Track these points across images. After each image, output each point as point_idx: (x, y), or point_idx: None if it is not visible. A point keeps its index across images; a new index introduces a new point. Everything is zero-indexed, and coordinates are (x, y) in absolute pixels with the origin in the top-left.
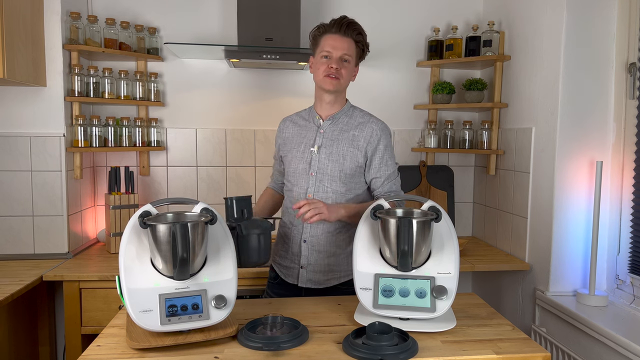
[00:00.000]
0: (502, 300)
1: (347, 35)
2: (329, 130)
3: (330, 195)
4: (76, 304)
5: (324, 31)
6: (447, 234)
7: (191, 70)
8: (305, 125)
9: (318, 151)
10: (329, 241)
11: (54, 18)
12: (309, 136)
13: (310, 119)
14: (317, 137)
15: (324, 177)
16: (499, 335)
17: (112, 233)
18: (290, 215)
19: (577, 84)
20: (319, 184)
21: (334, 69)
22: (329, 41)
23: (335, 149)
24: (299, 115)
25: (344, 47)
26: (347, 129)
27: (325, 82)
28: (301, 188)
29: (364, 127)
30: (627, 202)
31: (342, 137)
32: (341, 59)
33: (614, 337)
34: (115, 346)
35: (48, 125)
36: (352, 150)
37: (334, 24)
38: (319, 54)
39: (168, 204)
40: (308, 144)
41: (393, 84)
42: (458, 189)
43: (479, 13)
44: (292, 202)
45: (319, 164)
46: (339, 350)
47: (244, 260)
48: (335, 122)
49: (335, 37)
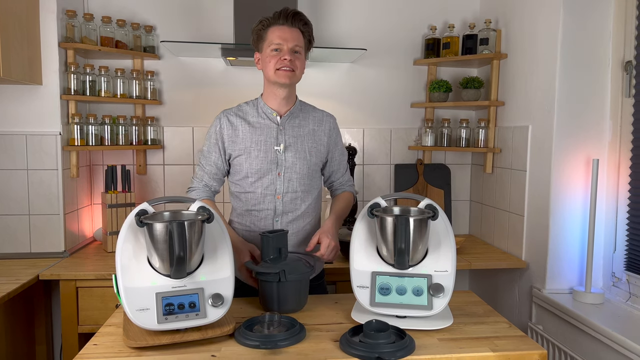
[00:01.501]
0: (498, 298)
1: (294, 25)
2: (289, 127)
3: (299, 195)
4: (73, 303)
5: (269, 24)
6: (444, 232)
7: (188, 69)
8: (260, 122)
9: (284, 150)
10: (299, 240)
11: (49, 16)
12: (269, 134)
13: (264, 116)
14: (280, 135)
15: (292, 177)
16: (495, 332)
17: (109, 232)
18: (253, 217)
19: (574, 82)
20: (287, 184)
21: (287, 61)
22: (277, 33)
23: (300, 146)
24: (243, 111)
25: (294, 37)
26: (304, 124)
27: (279, 75)
28: (267, 189)
29: (321, 122)
30: (623, 200)
31: (302, 133)
32: (292, 50)
33: (610, 334)
34: (112, 345)
35: (44, 124)
36: (315, 146)
37: (280, 15)
38: (268, 47)
39: (165, 202)
40: (270, 143)
41: (390, 83)
42: (455, 187)
43: (476, 11)
44: (254, 205)
45: (287, 164)
46: (336, 348)
47: (281, 307)
48: (293, 118)
49: (283, 28)
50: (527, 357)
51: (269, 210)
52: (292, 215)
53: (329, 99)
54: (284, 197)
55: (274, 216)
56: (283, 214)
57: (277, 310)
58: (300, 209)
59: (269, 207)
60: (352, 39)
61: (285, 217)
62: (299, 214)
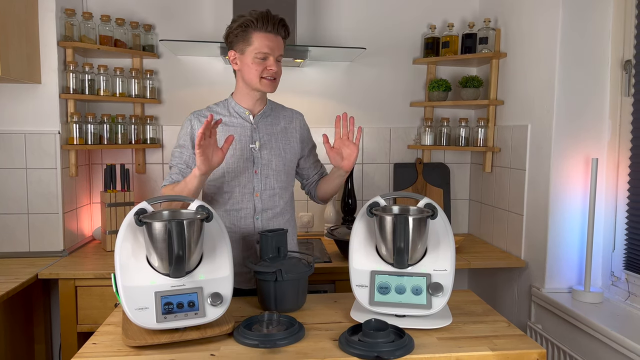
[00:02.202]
0: (498, 297)
1: (279, 34)
2: (262, 126)
3: (277, 192)
4: (72, 302)
5: (255, 27)
6: (443, 231)
7: (187, 68)
8: (232, 122)
9: (259, 148)
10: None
11: (48, 15)
12: (243, 133)
13: (236, 115)
14: (254, 134)
15: (269, 174)
16: (494, 331)
17: (108, 231)
18: (232, 217)
19: (573, 81)
20: (265, 181)
21: (274, 71)
22: (265, 41)
23: (275, 144)
24: (215, 112)
25: (280, 47)
26: (276, 122)
27: (264, 84)
28: (245, 188)
29: (291, 119)
30: (622, 199)
31: (275, 131)
32: (277, 59)
33: (609, 333)
34: (111, 344)
35: (43, 123)
36: (289, 143)
37: (268, 21)
38: (252, 52)
39: (164, 201)
40: (244, 141)
41: (389, 82)
42: (454, 186)
43: (475, 10)
44: (233, 205)
45: (263, 161)
46: (335, 347)
47: (280, 306)
48: (265, 117)
49: (270, 36)
50: (526, 356)
51: (248, 209)
52: (272, 213)
53: (328, 98)
54: (262, 194)
55: (254, 214)
56: (262, 211)
57: (276, 310)
58: (279, 205)
59: (247, 206)
60: (351, 38)
61: (265, 214)
62: (278, 210)
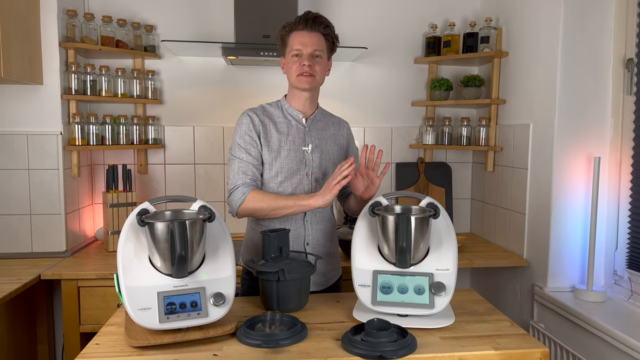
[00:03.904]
0: (500, 296)
1: (315, 30)
2: (314, 129)
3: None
4: (74, 303)
5: (291, 29)
6: (446, 231)
7: (188, 68)
8: (286, 123)
9: (311, 151)
10: (327, 240)
11: (50, 16)
12: (296, 134)
13: (290, 117)
14: (307, 137)
15: (319, 177)
16: (497, 331)
17: (110, 231)
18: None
19: (575, 80)
20: (315, 184)
21: (307, 66)
22: (297, 38)
23: (325, 148)
24: (268, 112)
25: (314, 42)
26: (326, 127)
27: (300, 81)
28: (296, 190)
29: (340, 126)
30: (625, 198)
31: (326, 136)
32: (312, 55)
33: (612, 332)
34: (114, 344)
35: (45, 124)
36: (337, 149)
37: (300, 20)
38: (289, 53)
39: (166, 201)
40: (297, 143)
41: (391, 81)
42: (456, 186)
43: (477, 9)
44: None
45: (314, 164)
46: (337, 347)
47: (282, 306)
48: (316, 121)
49: (303, 33)
50: (529, 356)
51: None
52: (320, 216)
53: (330, 98)
54: None
55: (304, 216)
56: (312, 214)
57: (278, 309)
58: (327, 209)
59: None
60: (352, 37)
61: (314, 217)
62: (326, 214)
